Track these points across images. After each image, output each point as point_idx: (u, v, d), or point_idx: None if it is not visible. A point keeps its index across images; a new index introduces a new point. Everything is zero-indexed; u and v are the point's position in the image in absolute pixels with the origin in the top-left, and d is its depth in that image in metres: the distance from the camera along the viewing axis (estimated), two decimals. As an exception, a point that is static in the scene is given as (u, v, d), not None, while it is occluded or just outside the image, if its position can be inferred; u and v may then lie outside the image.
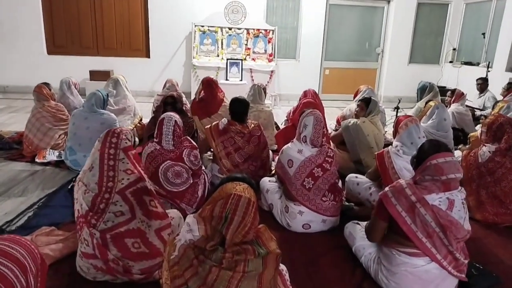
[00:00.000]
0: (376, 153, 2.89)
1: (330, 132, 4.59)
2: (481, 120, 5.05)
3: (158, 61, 7.80)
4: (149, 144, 2.86)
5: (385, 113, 5.09)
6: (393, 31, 8.32)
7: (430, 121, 4.05)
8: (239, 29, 7.51)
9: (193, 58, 7.38)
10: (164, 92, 4.84)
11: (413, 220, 1.88)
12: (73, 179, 3.38)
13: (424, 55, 8.73)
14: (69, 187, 3.23)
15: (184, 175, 2.79)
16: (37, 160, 3.80)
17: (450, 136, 4.04)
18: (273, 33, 7.59)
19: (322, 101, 4.67)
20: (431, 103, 4.22)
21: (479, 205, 2.95)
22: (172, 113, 2.96)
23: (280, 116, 5.74)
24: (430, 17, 8.51)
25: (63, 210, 2.84)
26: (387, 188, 1.99)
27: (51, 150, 3.94)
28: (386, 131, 4.73)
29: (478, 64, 7.70)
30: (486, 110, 5.63)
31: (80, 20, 7.57)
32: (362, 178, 3.05)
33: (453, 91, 5.17)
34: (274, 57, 7.64)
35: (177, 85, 5.09)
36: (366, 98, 4.03)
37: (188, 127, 3.81)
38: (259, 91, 4.58)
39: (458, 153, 4.06)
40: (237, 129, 3.28)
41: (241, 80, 7.16)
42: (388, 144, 3.21)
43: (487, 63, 6.91)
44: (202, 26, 7.43)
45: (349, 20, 8.40)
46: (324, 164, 2.65)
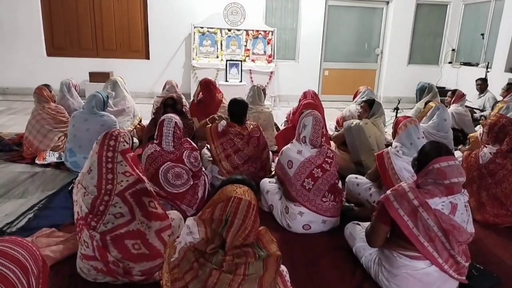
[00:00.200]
0: (376, 154, 2.89)
1: (332, 133, 4.60)
2: (481, 121, 5.07)
3: (158, 62, 7.81)
4: (149, 146, 2.87)
5: (384, 114, 5.09)
6: (392, 32, 8.33)
7: (430, 122, 4.05)
8: (239, 30, 7.52)
9: (193, 59, 7.38)
10: (164, 93, 4.84)
11: (415, 224, 1.86)
12: (73, 180, 3.37)
13: (423, 56, 8.74)
14: (69, 188, 3.23)
15: (184, 176, 2.80)
16: (37, 161, 3.81)
17: (450, 136, 4.05)
18: (272, 34, 7.60)
19: (322, 102, 4.68)
20: (431, 103, 4.22)
21: (479, 206, 2.95)
22: (172, 115, 2.96)
23: (279, 117, 5.74)
24: (429, 18, 8.52)
25: (64, 212, 2.85)
26: (389, 192, 1.96)
27: (51, 151, 3.94)
28: (386, 132, 4.74)
29: (477, 65, 7.71)
30: (486, 111, 5.63)
31: (79, 22, 7.58)
32: (362, 178, 3.05)
33: (454, 91, 5.17)
34: (274, 58, 7.65)
35: (177, 86, 5.09)
36: (370, 100, 4.02)
37: (188, 129, 3.81)
38: (258, 92, 4.58)
39: (458, 154, 4.07)
40: (236, 131, 3.28)
41: (241, 81, 7.16)
42: (388, 145, 3.22)
43: (486, 63, 6.92)
44: (202, 28, 7.44)
45: (348, 21, 8.41)
46: (323, 165, 2.65)
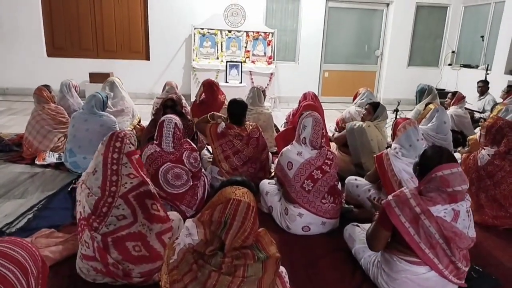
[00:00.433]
0: (375, 155, 2.90)
1: (333, 134, 4.60)
2: (480, 123, 5.07)
3: (158, 63, 7.81)
4: (149, 146, 2.87)
5: (387, 118, 5.10)
6: (392, 34, 8.34)
7: (430, 124, 4.06)
8: (239, 31, 7.53)
9: (193, 60, 7.39)
10: (164, 94, 4.84)
11: (417, 231, 1.84)
12: (73, 181, 3.39)
13: (423, 58, 8.74)
14: (69, 189, 3.23)
15: (184, 177, 2.80)
16: (37, 162, 3.81)
17: (449, 138, 4.05)
18: (272, 36, 7.61)
19: (322, 103, 4.68)
20: (431, 106, 4.23)
21: (478, 208, 2.95)
22: (172, 116, 2.97)
23: (279, 118, 5.74)
24: (429, 20, 8.53)
25: (63, 212, 2.85)
26: (391, 197, 1.94)
27: (51, 152, 3.94)
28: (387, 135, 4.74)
29: (477, 67, 7.72)
30: (485, 113, 5.64)
31: (80, 22, 7.58)
32: (361, 180, 3.05)
33: (454, 93, 5.18)
34: (274, 60, 7.66)
35: (177, 87, 5.10)
36: (375, 103, 4.01)
37: (188, 130, 3.81)
38: (258, 94, 4.59)
39: (457, 156, 4.07)
40: (236, 132, 3.28)
41: (241, 82, 7.17)
42: (387, 147, 3.22)
43: (486, 65, 6.93)
44: (202, 29, 7.45)
45: (348, 23, 8.42)
46: (323, 166, 2.65)
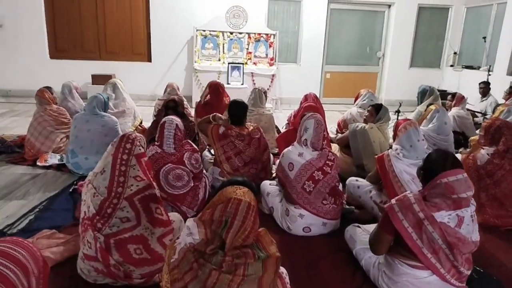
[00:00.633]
0: (376, 156, 2.89)
1: (335, 136, 4.60)
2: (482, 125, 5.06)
3: (160, 65, 7.83)
4: (150, 147, 2.88)
5: (390, 120, 5.09)
6: (394, 35, 8.34)
7: (430, 125, 4.05)
8: (241, 33, 7.54)
9: (195, 62, 7.41)
10: (166, 96, 4.85)
11: (420, 237, 1.83)
12: (75, 182, 3.40)
13: (425, 59, 8.74)
14: (71, 190, 3.24)
15: (185, 178, 2.80)
16: (38, 163, 3.82)
17: (450, 139, 4.04)
18: (274, 37, 7.63)
19: (323, 105, 4.69)
20: (432, 106, 4.22)
21: (479, 207, 2.94)
22: (173, 117, 2.98)
23: (281, 119, 5.75)
24: (431, 21, 8.53)
25: (64, 214, 2.86)
26: (394, 201, 1.92)
27: (52, 153, 3.95)
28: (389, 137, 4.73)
29: (479, 68, 7.71)
30: (488, 115, 5.62)
31: (82, 25, 7.62)
32: (362, 181, 3.05)
33: (454, 95, 5.18)
34: (275, 61, 7.67)
35: (178, 89, 5.10)
36: (377, 104, 4.00)
37: (189, 131, 3.82)
38: (260, 95, 4.59)
39: (458, 157, 4.06)
40: (236, 133, 3.28)
41: (243, 84, 7.18)
42: (389, 148, 3.22)
43: (488, 67, 6.92)
44: (204, 31, 7.47)
45: (350, 24, 8.43)
46: (324, 168, 2.65)
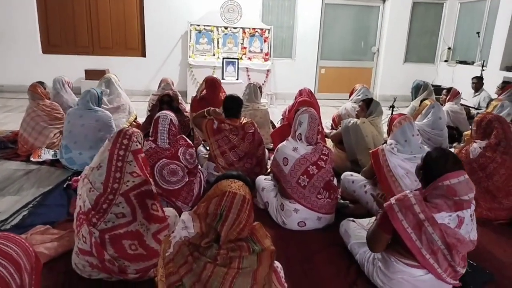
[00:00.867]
0: (371, 151, 2.90)
1: (330, 131, 4.60)
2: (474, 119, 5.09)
3: (154, 60, 7.79)
4: (145, 143, 2.85)
5: (382, 114, 5.10)
6: (388, 30, 8.35)
7: (425, 120, 4.07)
8: (235, 28, 7.51)
9: (189, 57, 7.37)
10: (160, 91, 4.82)
11: (419, 237, 1.82)
12: (69, 178, 3.38)
13: (419, 54, 8.77)
14: (64, 186, 3.22)
15: (179, 173, 2.80)
16: (32, 159, 3.79)
17: (445, 134, 4.06)
18: (269, 32, 7.60)
19: (318, 100, 4.69)
20: (427, 101, 4.24)
21: (472, 201, 2.97)
22: (167, 112, 2.97)
23: (276, 115, 5.75)
24: (425, 16, 8.55)
25: (58, 209, 2.84)
26: (394, 201, 1.89)
27: (46, 149, 3.93)
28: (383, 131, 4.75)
29: (473, 63, 7.74)
30: (481, 109, 5.65)
31: (75, 19, 7.54)
32: (357, 176, 3.06)
33: (449, 89, 5.20)
34: (270, 56, 7.65)
35: (173, 84, 5.08)
36: (368, 99, 4.01)
37: (184, 126, 3.81)
38: (255, 90, 4.59)
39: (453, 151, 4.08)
40: (230, 127, 3.28)
41: (237, 79, 7.17)
42: (384, 143, 3.23)
43: (482, 62, 6.95)
44: (198, 25, 7.43)
45: (345, 20, 8.42)
46: (319, 162, 2.66)
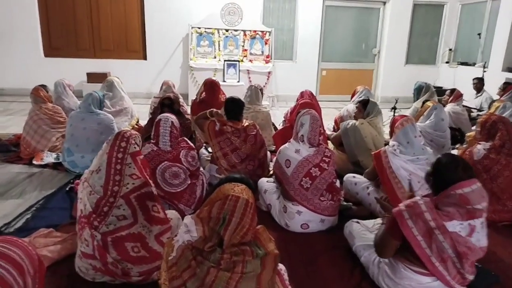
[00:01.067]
0: (373, 153, 2.90)
1: (331, 133, 4.59)
2: (478, 120, 5.07)
3: (155, 63, 7.80)
4: (146, 145, 2.86)
5: (381, 114, 5.09)
6: (389, 32, 8.35)
7: (427, 121, 4.05)
8: (236, 30, 7.52)
9: (190, 59, 7.38)
10: (161, 94, 4.83)
11: (429, 245, 1.79)
12: (71, 181, 3.38)
13: (421, 56, 8.76)
14: (67, 189, 3.22)
15: (181, 175, 2.79)
16: (34, 162, 3.79)
17: (447, 136, 4.05)
18: (269, 35, 7.60)
19: (320, 102, 4.69)
20: (429, 103, 4.22)
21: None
22: (168, 114, 2.96)
23: (277, 117, 5.75)
24: (426, 18, 8.55)
25: (61, 212, 2.84)
26: (403, 207, 1.85)
27: (48, 152, 3.93)
28: (384, 132, 4.74)
29: (474, 64, 7.74)
30: (483, 110, 5.64)
31: (76, 22, 7.56)
32: (360, 177, 3.05)
33: (452, 90, 5.19)
34: (271, 59, 7.65)
35: (174, 86, 5.09)
36: (364, 100, 4.02)
37: (186, 128, 3.81)
38: (256, 92, 4.59)
39: (455, 153, 4.07)
40: (232, 129, 3.28)
41: (239, 81, 7.17)
42: (386, 144, 3.22)
43: (483, 63, 6.94)
44: (199, 28, 7.44)
45: (346, 22, 8.43)
46: (321, 164, 2.65)
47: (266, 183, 3.01)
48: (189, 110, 4.87)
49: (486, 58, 7.29)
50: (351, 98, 5.18)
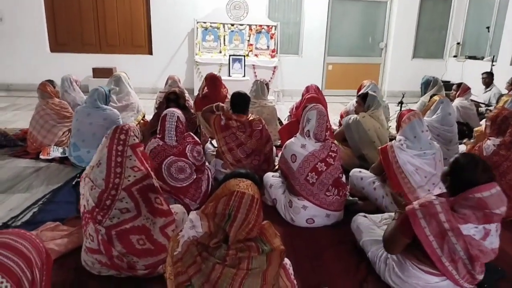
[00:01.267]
0: (380, 148, 2.88)
1: (336, 128, 4.57)
2: (486, 115, 5.02)
3: (161, 57, 7.80)
4: (152, 140, 2.87)
5: (388, 108, 5.07)
6: (396, 26, 8.27)
7: (434, 116, 4.01)
8: (241, 25, 7.49)
9: (196, 54, 7.37)
10: (167, 89, 4.83)
11: (441, 246, 1.76)
12: (77, 175, 3.39)
13: (428, 50, 8.67)
14: (74, 183, 3.25)
15: (187, 170, 2.80)
16: (41, 156, 3.82)
17: (454, 130, 4.01)
18: (275, 29, 7.56)
19: (326, 96, 4.67)
20: (436, 97, 4.19)
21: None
22: (174, 109, 2.97)
23: (283, 111, 5.73)
24: (433, 11, 8.44)
25: (68, 206, 2.86)
26: (417, 206, 1.82)
27: (55, 146, 3.96)
28: (390, 126, 4.72)
29: (482, 58, 7.64)
30: (492, 105, 5.58)
31: (82, 18, 7.58)
32: (365, 172, 3.04)
33: (459, 85, 5.14)
34: (277, 53, 7.62)
35: (179, 81, 5.09)
36: (363, 93, 4.03)
37: (191, 123, 3.81)
38: (261, 87, 4.57)
39: (462, 147, 4.04)
40: (237, 123, 3.27)
41: (244, 76, 7.15)
42: (391, 139, 3.20)
43: (492, 57, 6.85)
44: (204, 23, 7.42)
45: (352, 15, 8.35)
46: (327, 159, 2.64)
47: (272, 178, 3.01)
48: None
49: (495, 52, 7.18)
50: (358, 92, 5.14)
